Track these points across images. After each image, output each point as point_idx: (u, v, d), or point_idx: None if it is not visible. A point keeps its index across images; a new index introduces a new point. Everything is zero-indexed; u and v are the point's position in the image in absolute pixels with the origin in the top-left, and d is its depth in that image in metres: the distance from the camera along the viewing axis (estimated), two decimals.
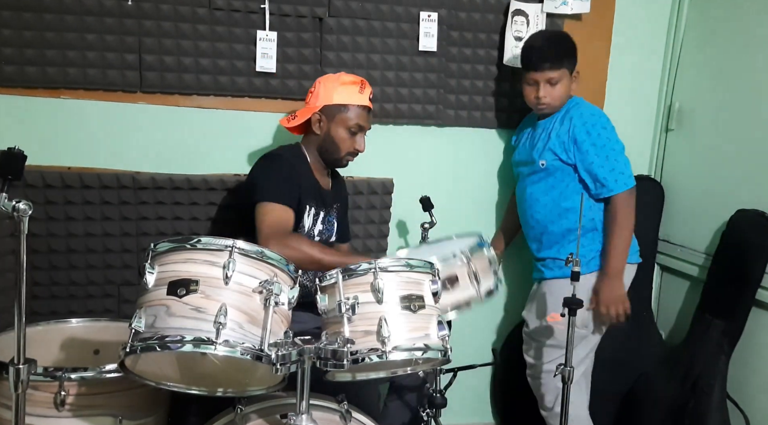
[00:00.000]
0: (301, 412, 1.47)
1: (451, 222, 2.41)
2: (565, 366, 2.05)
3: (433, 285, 1.59)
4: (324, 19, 2.41)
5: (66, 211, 2.27)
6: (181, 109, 2.38)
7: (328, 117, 2.07)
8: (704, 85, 2.62)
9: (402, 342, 1.49)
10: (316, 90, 2.11)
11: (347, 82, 2.09)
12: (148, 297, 1.43)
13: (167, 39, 2.30)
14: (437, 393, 2.12)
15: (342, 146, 2.09)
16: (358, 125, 2.08)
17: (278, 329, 1.46)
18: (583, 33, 2.67)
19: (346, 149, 2.10)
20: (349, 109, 2.06)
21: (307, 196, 2.06)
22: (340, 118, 2.07)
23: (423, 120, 2.59)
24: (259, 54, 2.37)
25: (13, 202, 1.41)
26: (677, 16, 2.77)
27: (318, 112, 2.07)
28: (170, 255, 1.45)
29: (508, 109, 2.66)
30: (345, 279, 1.53)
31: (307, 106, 2.12)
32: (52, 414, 1.73)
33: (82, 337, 2.12)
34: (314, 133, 2.10)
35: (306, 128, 2.15)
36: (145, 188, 2.31)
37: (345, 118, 2.07)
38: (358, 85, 2.09)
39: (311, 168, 2.12)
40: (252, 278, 1.45)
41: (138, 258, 2.34)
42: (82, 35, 2.24)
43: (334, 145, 2.09)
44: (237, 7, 2.32)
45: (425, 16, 2.49)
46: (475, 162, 2.70)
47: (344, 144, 2.09)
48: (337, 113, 2.07)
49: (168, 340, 1.36)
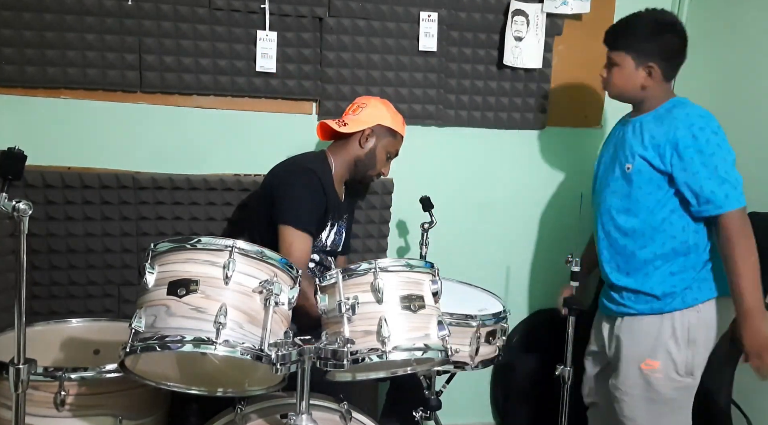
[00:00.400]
0: (301, 412, 1.47)
1: (451, 223, 2.41)
2: (565, 367, 2.05)
3: (433, 285, 1.59)
4: (324, 19, 2.41)
5: (66, 211, 2.27)
6: (181, 109, 2.38)
7: (378, 136, 2.13)
8: (704, 85, 2.62)
9: (402, 342, 1.50)
10: (368, 108, 2.15)
11: (397, 112, 2.20)
12: (148, 297, 1.43)
13: (167, 39, 2.30)
14: (432, 395, 2.10)
15: (378, 166, 2.17)
16: (396, 152, 2.21)
17: (278, 329, 1.46)
18: (583, 33, 2.67)
19: (378, 169, 2.18)
20: (397, 136, 2.17)
21: (329, 211, 2.08)
22: (387, 141, 2.15)
23: (423, 120, 2.59)
24: (259, 54, 2.37)
25: (13, 202, 1.42)
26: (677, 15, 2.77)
27: (371, 128, 2.12)
28: (170, 256, 1.45)
29: (508, 109, 2.66)
30: (345, 279, 1.54)
31: (358, 119, 2.13)
32: (52, 414, 1.73)
33: (82, 337, 2.12)
34: (356, 145, 2.13)
35: (337, 136, 2.16)
36: (145, 188, 2.31)
37: (392, 142, 2.16)
38: (402, 119, 2.21)
39: (333, 178, 2.13)
40: (252, 278, 1.45)
41: (138, 258, 2.34)
42: (82, 35, 2.24)
43: (372, 162, 2.15)
44: (237, 7, 2.32)
45: (425, 16, 2.49)
46: (475, 162, 2.70)
47: (380, 164, 2.17)
48: (388, 136, 2.15)
49: (168, 340, 1.36)
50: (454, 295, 1.93)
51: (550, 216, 2.80)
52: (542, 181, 2.77)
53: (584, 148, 2.80)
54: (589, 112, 2.78)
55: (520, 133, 2.71)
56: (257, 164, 2.42)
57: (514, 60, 2.58)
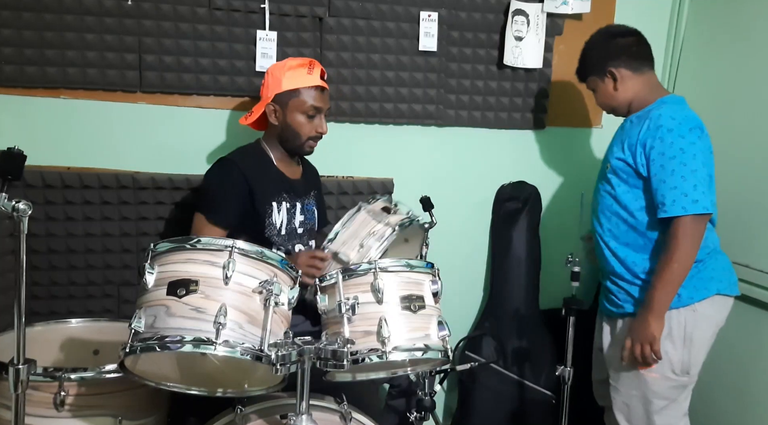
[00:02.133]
0: (301, 412, 1.47)
1: (451, 223, 2.41)
2: (564, 367, 2.05)
3: (433, 285, 1.59)
4: (324, 19, 2.41)
5: (65, 211, 2.26)
6: (180, 108, 2.38)
7: (282, 105, 2.01)
8: (704, 86, 2.62)
9: (402, 343, 1.50)
10: (266, 80, 2.05)
11: (294, 66, 2.02)
12: (147, 298, 1.43)
13: (167, 39, 2.30)
14: (426, 396, 2.08)
15: (302, 132, 2.03)
16: (314, 107, 2.01)
17: (278, 329, 1.46)
18: (584, 33, 2.66)
19: (306, 134, 2.03)
20: (300, 92, 1.99)
21: (274, 192, 2.04)
22: (293, 103, 2.00)
23: (423, 120, 2.58)
24: (259, 54, 2.36)
25: (13, 202, 1.42)
26: (677, 16, 2.77)
27: (271, 103, 2.01)
28: (170, 256, 1.45)
29: (509, 108, 2.66)
30: (345, 280, 1.54)
31: (260, 101, 2.08)
32: (51, 414, 1.73)
33: (81, 337, 2.12)
34: (273, 125, 2.06)
35: (266, 122, 2.10)
36: (144, 188, 2.31)
37: (298, 102, 1.99)
38: (306, 66, 2.02)
39: (275, 163, 2.09)
40: (252, 278, 1.45)
41: (138, 258, 2.34)
42: (81, 35, 2.24)
43: (293, 133, 2.03)
44: (237, 6, 2.32)
45: (425, 15, 2.49)
46: (475, 162, 2.70)
47: (303, 129, 2.02)
48: (290, 99, 2.00)
49: (168, 340, 1.36)
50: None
51: (550, 216, 2.79)
52: (542, 181, 2.76)
53: (584, 148, 2.80)
54: (589, 112, 2.78)
55: (521, 133, 2.71)
56: None
57: (514, 60, 2.57)
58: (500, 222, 2.72)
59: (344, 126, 2.51)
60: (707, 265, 1.97)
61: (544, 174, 2.77)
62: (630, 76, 2.04)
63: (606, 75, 2.06)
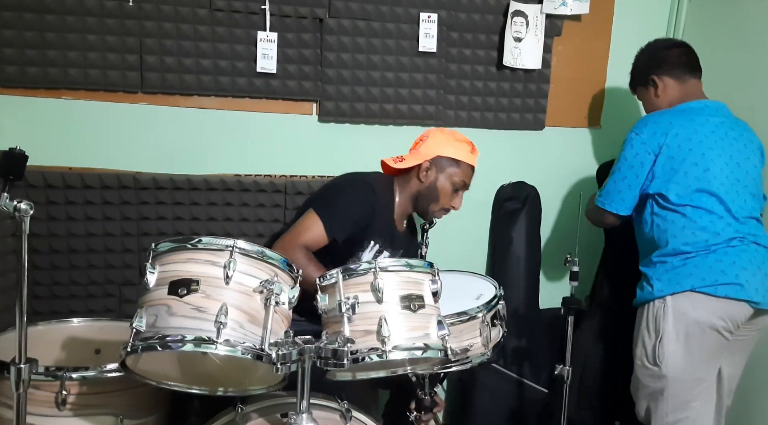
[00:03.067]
0: (302, 411, 1.47)
1: (451, 223, 2.41)
2: (564, 366, 2.05)
3: (433, 285, 1.60)
4: (324, 20, 2.42)
5: (67, 211, 2.27)
6: (182, 109, 2.39)
7: (438, 168, 2.09)
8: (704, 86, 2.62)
9: (402, 342, 1.50)
10: (428, 139, 2.12)
11: (461, 140, 2.12)
12: (149, 297, 1.43)
13: (168, 40, 2.31)
14: (425, 395, 2.07)
15: (442, 199, 2.11)
16: (464, 183, 2.11)
17: (279, 328, 1.47)
18: (583, 34, 2.68)
19: (443, 203, 2.12)
20: (460, 165, 2.09)
21: (376, 232, 2.06)
22: (450, 171, 2.09)
23: (423, 120, 2.59)
24: (260, 55, 2.37)
25: (15, 202, 1.42)
26: (676, 16, 2.77)
27: (429, 161, 2.08)
28: (171, 255, 1.45)
29: (508, 109, 2.67)
30: (345, 279, 1.54)
31: (417, 152, 2.12)
32: (53, 413, 1.73)
33: (83, 337, 2.13)
34: (416, 180, 2.11)
35: (402, 171, 2.14)
36: (146, 188, 2.32)
37: (454, 172, 2.09)
38: (470, 145, 2.13)
39: (394, 207, 2.13)
40: (253, 278, 1.45)
41: (139, 258, 2.34)
42: (83, 36, 2.25)
43: (434, 196, 2.10)
44: (238, 8, 2.33)
45: (425, 16, 2.50)
46: None
47: (445, 198, 2.11)
48: (448, 167, 2.09)
49: (169, 340, 1.37)
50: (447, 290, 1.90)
51: (549, 216, 2.80)
52: (542, 181, 2.77)
53: (584, 148, 2.81)
54: (588, 113, 2.78)
55: (520, 134, 2.72)
56: (258, 164, 2.43)
57: (513, 61, 2.58)
58: (500, 223, 2.73)
59: (344, 126, 2.52)
60: (692, 262, 1.99)
61: (543, 174, 2.77)
62: (673, 85, 2.22)
63: (649, 83, 2.25)
